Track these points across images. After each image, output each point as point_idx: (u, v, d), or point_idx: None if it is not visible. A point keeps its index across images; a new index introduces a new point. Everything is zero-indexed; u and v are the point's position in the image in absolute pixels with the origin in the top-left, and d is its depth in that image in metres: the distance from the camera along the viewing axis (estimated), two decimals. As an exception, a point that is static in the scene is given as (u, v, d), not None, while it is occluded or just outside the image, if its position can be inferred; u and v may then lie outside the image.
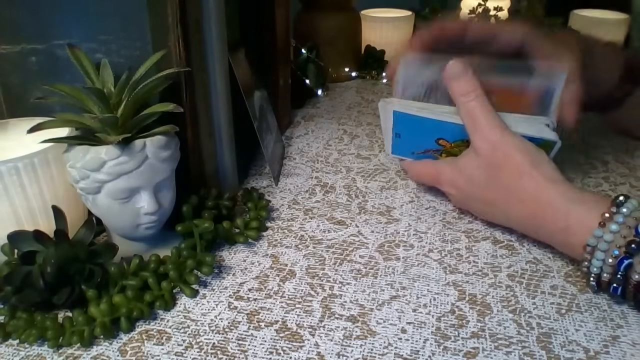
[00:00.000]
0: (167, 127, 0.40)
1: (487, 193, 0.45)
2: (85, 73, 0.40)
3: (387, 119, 0.51)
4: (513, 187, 0.43)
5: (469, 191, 0.47)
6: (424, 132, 0.49)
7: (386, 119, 0.51)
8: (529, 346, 0.36)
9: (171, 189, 0.42)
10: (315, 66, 0.82)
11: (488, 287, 0.41)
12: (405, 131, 0.51)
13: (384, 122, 0.53)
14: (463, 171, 0.47)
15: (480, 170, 0.45)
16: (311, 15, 0.87)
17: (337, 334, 0.37)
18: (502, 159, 0.43)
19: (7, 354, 0.35)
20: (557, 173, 0.43)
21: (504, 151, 0.43)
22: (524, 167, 0.42)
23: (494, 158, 0.44)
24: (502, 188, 0.44)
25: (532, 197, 0.42)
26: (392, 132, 0.51)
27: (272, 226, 0.49)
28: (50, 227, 0.38)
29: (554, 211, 0.41)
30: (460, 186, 0.48)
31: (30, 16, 0.43)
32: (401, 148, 0.53)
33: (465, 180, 0.47)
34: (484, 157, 0.44)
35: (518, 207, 0.43)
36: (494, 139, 0.44)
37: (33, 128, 0.36)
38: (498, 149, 0.43)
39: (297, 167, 0.61)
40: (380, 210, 0.52)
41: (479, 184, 0.45)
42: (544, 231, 0.42)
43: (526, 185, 0.42)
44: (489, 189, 0.45)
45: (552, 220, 0.41)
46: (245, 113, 0.53)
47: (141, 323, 0.38)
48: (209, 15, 0.44)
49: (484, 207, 0.47)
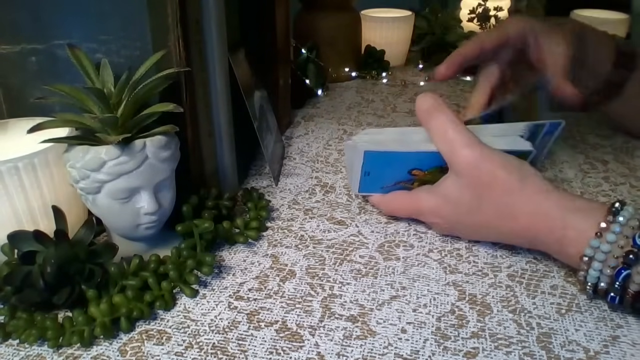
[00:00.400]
0: (167, 127, 0.40)
1: (476, 215, 0.43)
2: (85, 73, 0.40)
3: (355, 159, 0.47)
4: (503, 205, 0.41)
5: (455, 217, 0.45)
6: (396, 165, 0.47)
7: (354, 158, 0.47)
8: (529, 346, 0.36)
9: (171, 189, 0.42)
10: (315, 66, 0.82)
11: (488, 287, 0.41)
12: (376, 168, 0.47)
13: (351, 161, 0.49)
14: (447, 197, 0.44)
15: (465, 192, 0.43)
16: (311, 15, 0.87)
17: (337, 334, 0.37)
18: (488, 177, 0.41)
19: (7, 354, 0.35)
20: (545, 182, 0.42)
21: (487, 169, 0.41)
22: (513, 184, 0.41)
23: (479, 178, 0.42)
24: (492, 207, 0.42)
25: (525, 212, 0.41)
26: (361, 171, 0.47)
27: (272, 226, 0.49)
28: (50, 227, 0.38)
29: (550, 222, 0.40)
30: (444, 213, 0.45)
31: (30, 16, 0.43)
32: (369, 185, 0.49)
33: (451, 206, 0.44)
34: (467, 178, 0.42)
35: (511, 224, 0.42)
36: (474, 158, 0.42)
37: (33, 128, 0.36)
38: (481, 167, 0.41)
39: (297, 167, 0.61)
40: (380, 210, 0.52)
41: (466, 208, 0.43)
42: (539, 242, 0.42)
43: (517, 201, 0.41)
44: (478, 210, 0.43)
45: (547, 232, 0.40)
46: (245, 113, 0.53)
47: (141, 323, 0.38)
48: (209, 15, 0.44)
49: (473, 230, 0.45)
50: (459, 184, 0.43)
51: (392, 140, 0.47)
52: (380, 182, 0.49)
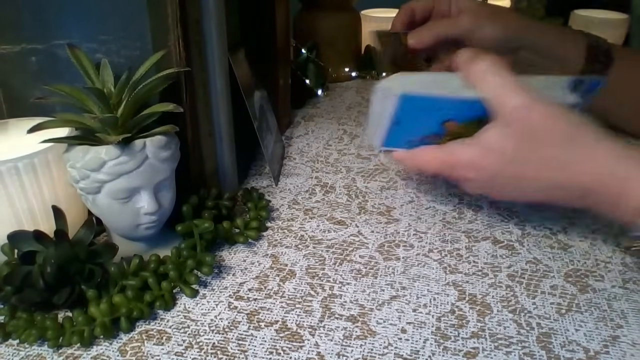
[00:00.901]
0: (167, 127, 0.40)
1: (520, 166, 0.40)
2: (85, 73, 0.40)
3: (387, 105, 0.42)
4: (554, 155, 0.39)
5: (497, 167, 0.41)
6: (431, 114, 0.42)
7: (383, 105, 0.43)
8: (529, 346, 0.36)
9: (171, 189, 0.42)
10: (315, 66, 0.82)
11: (488, 287, 0.41)
12: (408, 116, 0.42)
13: (379, 108, 0.44)
14: (489, 147, 0.41)
15: (510, 140, 0.40)
16: (311, 15, 0.87)
17: (337, 334, 0.37)
18: (538, 125, 0.39)
19: (7, 354, 0.35)
20: (601, 131, 0.39)
21: (538, 116, 0.39)
22: (565, 132, 0.38)
23: (529, 125, 0.39)
24: (540, 157, 0.39)
25: (578, 162, 0.38)
26: (390, 119, 0.43)
27: (272, 226, 0.49)
28: (50, 227, 0.38)
29: (607, 173, 0.37)
30: (485, 164, 0.41)
31: (30, 16, 0.43)
32: (395, 138, 0.45)
33: (494, 157, 0.41)
34: (518, 124, 0.39)
35: (560, 176, 0.39)
36: (524, 104, 0.39)
37: (33, 128, 0.36)
38: (531, 114, 0.39)
39: (297, 167, 0.61)
40: (380, 210, 0.52)
41: (510, 157, 0.40)
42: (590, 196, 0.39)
43: (569, 150, 0.38)
44: (525, 161, 0.40)
45: (603, 184, 0.37)
46: (245, 113, 0.53)
47: (141, 323, 0.38)
48: (209, 15, 0.44)
49: (514, 184, 0.42)
50: (505, 132, 0.40)
51: (429, 84, 0.42)
52: (408, 134, 0.44)
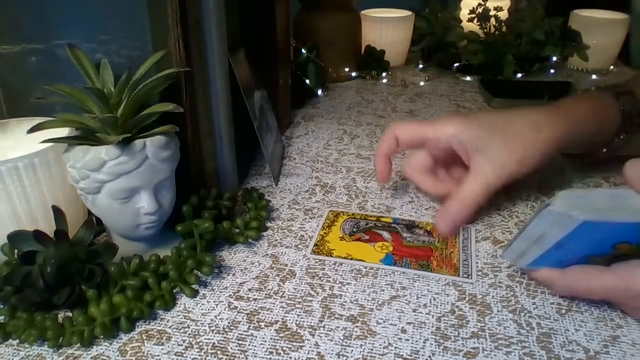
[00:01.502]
0: (167, 127, 0.40)
1: None
2: (85, 73, 0.40)
3: (555, 230, 0.36)
4: None
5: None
6: (605, 237, 0.37)
7: (553, 229, 0.37)
8: (529, 346, 0.36)
9: (171, 189, 0.42)
10: (315, 66, 0.82)
11: (488, 287, 0.41)
12: (577, 240, 0.36)
13: (543, 230, 0.37)
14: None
15: None
16: (311, 15, 0.87)
17: (337, 334, 0.37)
18: None
19: (7, 354, 0.35)
20: None
21: None
22: None
23: None
24: None
25: None
26: (555, 243, 0.37)
27: (272, 226, 0.49)
28: (50, 227, 0.38)
29: None
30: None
31: (30, 16, 0.43)
32: (548, 259, 0.39)
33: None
34: None
35: None
36: None
37: (33, 128, 0.36)
38: None
39: (297, 167, 0.61)
40: (380, 210, 0.52)
41: None
42: None
43: None
44: None
45: None
46: (245, 113, 0.53)
47: (141, 323, 0.38)
48: (209, 15, 0.44)
49: None
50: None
51: (606, 205, 0.36)
52: (565, 255, 0.38)
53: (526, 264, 0.40)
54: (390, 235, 0.47)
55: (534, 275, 0.41)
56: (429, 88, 0.89)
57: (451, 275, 0.42)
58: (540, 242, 0.38)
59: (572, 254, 0.38)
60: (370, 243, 0.46)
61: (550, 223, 0.36)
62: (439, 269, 0.43)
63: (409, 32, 1.00)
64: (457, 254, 0.45)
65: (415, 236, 0.47)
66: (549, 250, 0.38)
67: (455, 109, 0.80)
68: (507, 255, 0.41)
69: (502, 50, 0.90)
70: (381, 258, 0.44)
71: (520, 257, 0.40)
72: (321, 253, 0.45)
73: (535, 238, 0.38)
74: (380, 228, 0.48)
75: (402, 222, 0.49)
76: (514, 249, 0.40)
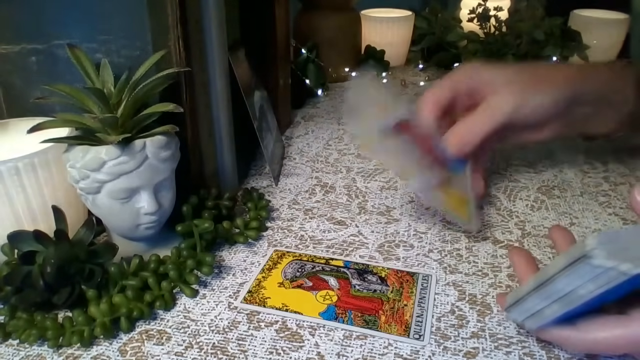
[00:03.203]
0: (167, 127, 0.40)
1: None
2: (85, 73, 0.40)
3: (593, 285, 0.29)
4: None
5: None
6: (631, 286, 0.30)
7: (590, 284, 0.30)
8: (529, 346, 0.36)
9: (171, 189, 0.42)
10: (315, 66, 0.82)
11: (488, 287, 0.41)
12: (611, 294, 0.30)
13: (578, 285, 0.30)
14: None
15: None
16: (311, 15, 0.87)
17: (337, 334, 0.37)
18: None
19: (7, 354, 0.35)
20: None
21: None
22: None
23: None
24: None
25: None
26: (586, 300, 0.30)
27: (272, 226, 0.49)
28: (50, 227, 0.38)
29: None
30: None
31: (30, 16, 0.43)
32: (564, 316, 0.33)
33: None
34: None
35: None
36: None
37: (33, 128, 0.36)
38: None
39: (297, 167, 0.61)
40: (380, 210, 0.52)
41: None
42: None
43: None
44: None
45: None
46: (245, 113, 0.53)
47: (141, 323, 0.38)
48: (209, 15, 0.44)
49: None
50: None
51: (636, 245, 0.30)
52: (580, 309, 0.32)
53: (537, 326, 0.34)
54: (337, 282, 0.41)
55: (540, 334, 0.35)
56: (428, 88, 0.89)
57: (400, 335, 0.36)
58: (566, 299, 0.31)
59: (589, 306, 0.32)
60: (313, 291, 0.40)
61: (590, 278, 0.29)
62: (387, 326, 0.37)
63: (409, 32, 1.00)
64: (411, 308, 0.39)
65: (366, 284, 0.41)
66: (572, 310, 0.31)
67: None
68: (515, 315, 0.35)
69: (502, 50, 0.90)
70: (321, 311, 0.38)
71: (534, 317, 0.33)
72: (253, 302, 0.40)
73: (561, 296, 0.31)
74: (327, 273, 0.42)
75: (354, 267, 0.43)
76: (525, 308, 0.33)
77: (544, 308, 0.32)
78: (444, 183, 0.45)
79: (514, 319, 0.36)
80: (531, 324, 0.34)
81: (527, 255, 0.38)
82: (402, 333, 0.36)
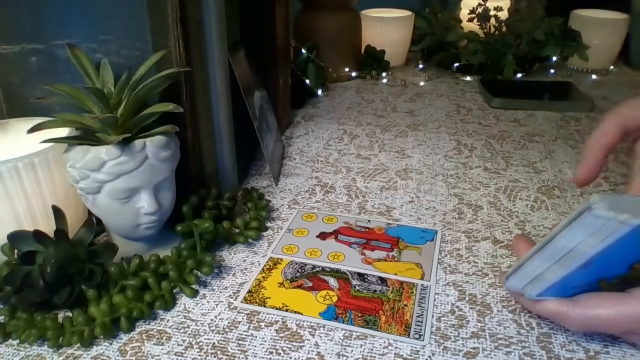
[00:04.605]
0: (167, 127, 0.40)
1: None
2: (85, 73, 0.40)
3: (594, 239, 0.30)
4: None
5: None
6: (631, 253, 0.31)
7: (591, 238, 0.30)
8: (529, 346, 0.36)
9: (171, 189, 0.42)
10: (315, 66, 0.82)
11: (488, 287, 0.41)
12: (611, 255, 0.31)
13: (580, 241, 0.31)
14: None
15: None
16: (311, 15, 0.87)
17: (337, 334, 0.37)
18: None
19: (7, 354, 0.35)
20: None
21: None
22: None
23: None
24: None
25: None
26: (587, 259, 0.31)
27: (272, 226, 0.49)
28: (50, 227, 0.38)
29: None
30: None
31: (30, 16, 0.43)
32: (566, 285, 0.33)
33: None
34: None
35: None
36: None
37: (33, 128, 0.36)
38: None
39: (297, 167, 0.61)
40: (380, 210, 0.52)
41: None
42: None
43: None
44: None
45: None
46: (245, 113, 0.53)
47: (141, 323, 0.38)
48: (209, 15, 0.44)
49: None
50: None
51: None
52: (581, 279, 0.33)
53: (536, 293, 0.33)
54: (337, 283, 0.41)
55: (538, 308, 0.35)
56: (429, 88, 0.89)
57: (400, 335, 0.36)
58: (567, 258, 0.31)
59: (586, 277, 0.32)
60: (313, 291, 0.40)
61: (592, 231, 0.30)
62: (387, 326, 0.37)
63: (409, 32, 1.00)
64: (411, 308, 0.39)
65: (366, 284, 0.41)
66: (573, 272, 0.31)
67: (455, 109, 0.80)
68: (514, 282, 0.35)
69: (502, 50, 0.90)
70: (321, 311, 0.38)
71: (534, 283, 0.33)
72: (254, 302, 0.39)
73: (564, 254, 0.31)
74: (327, 273, 0.42)
75: (355, 269, 0.43)
76: (526, 273, 0.33)
77: (545, 271, 0.32)
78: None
79: (513, 288, 0.35)
80: (531, 291, 0.33)
81: (531, 243, 0.38)
82: (402, 333, 0.36)
